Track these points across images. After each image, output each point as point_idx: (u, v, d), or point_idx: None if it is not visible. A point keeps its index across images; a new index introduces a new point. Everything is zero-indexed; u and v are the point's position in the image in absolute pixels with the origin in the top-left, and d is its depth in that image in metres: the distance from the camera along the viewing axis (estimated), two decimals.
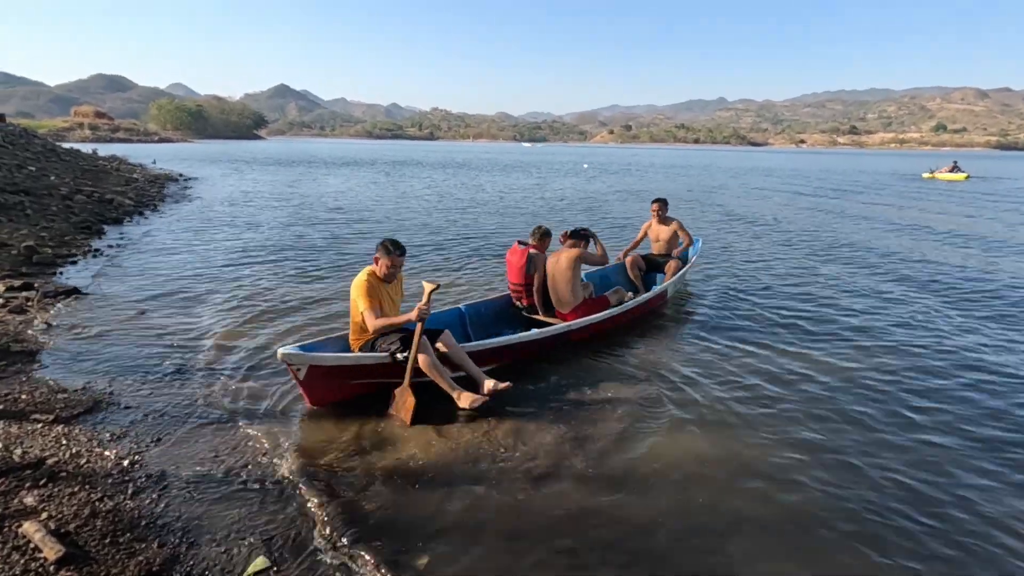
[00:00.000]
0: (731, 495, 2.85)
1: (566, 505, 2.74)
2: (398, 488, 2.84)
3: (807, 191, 23.00)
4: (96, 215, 10.85)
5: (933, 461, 3.18)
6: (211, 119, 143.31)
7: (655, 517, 2.66)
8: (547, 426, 3.50)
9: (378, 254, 3.77)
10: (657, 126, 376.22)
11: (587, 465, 3.09)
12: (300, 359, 3.49)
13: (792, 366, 4.49)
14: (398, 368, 3.70)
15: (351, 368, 3.71)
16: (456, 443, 3.30)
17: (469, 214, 13.78)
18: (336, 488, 2.82)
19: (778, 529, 2.61)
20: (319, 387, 3.63)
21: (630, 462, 3.13)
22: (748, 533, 2.58)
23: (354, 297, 3.73)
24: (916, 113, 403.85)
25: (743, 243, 10.31)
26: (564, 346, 4.73)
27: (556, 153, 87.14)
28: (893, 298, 6.56)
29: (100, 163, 21.72)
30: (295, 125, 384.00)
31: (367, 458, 3.12)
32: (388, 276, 3.80)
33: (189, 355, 4.44)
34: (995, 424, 3.61)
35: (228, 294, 6.14)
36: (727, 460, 3.17)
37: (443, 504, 2.72)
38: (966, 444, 3.37)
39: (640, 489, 2.89)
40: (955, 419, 3.67)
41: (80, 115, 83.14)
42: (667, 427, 3.53)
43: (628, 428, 3.50)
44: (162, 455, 3.07)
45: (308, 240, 9.57)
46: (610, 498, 2.80)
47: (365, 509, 2.67)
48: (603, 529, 2.58)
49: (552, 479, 2.95)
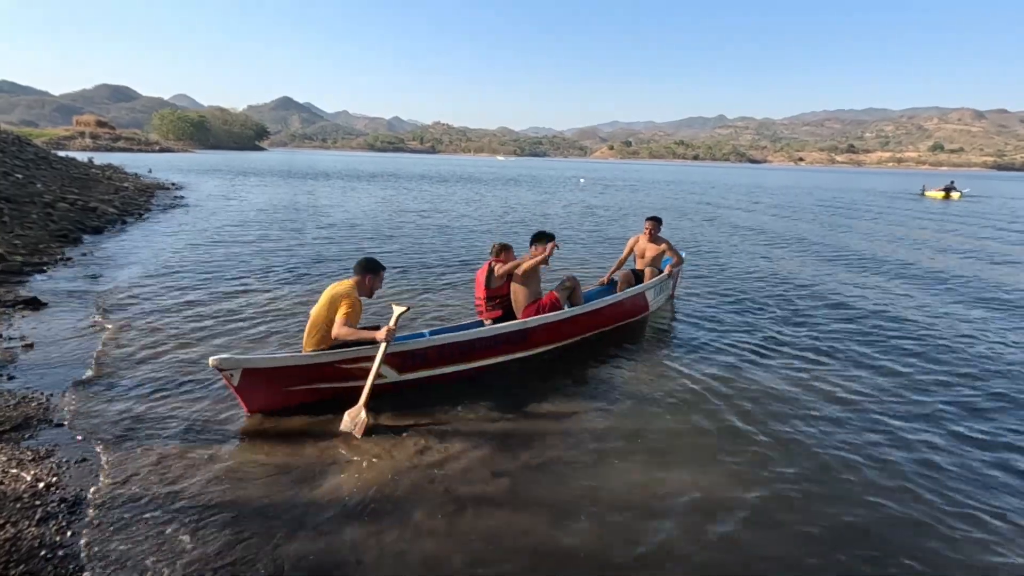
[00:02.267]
0: (677, 526, 2.67)
1: (503, 532, 2.56)
2: (330, 518, 2.66)
3: (808, 208, 22.94)
4: (76, 223, 10.71)
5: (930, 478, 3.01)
6: (213, 130, 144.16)
7: (599, 545, 2.49)
8: (497, 450, 3.32)
9: (369, 274, 3.86)
10: (657, 142, 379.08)
11: (528, 490, 2.91)
12: (233, 363, 3.42)
13: (779, 390, 4.32)
14: (337, 372, 3.63)
15: (287, 371, 3.59)
16: (399, 466, 3.11)
17: (455, 232, 13.66)
18: (263, 516, 2.64)
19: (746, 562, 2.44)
20: (256, 394, 3.55)
21: (578, 490, 2.95)
22: (700, 564, 2.40)
23: (333, 301, 3.69)
24: (913, 133, 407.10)
25: (742, 259, 10.17)
26: (534, 353, 4.65)
27: (543, 168, 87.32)
28: (875, 311, 6.41)
29: (92, 172, 21.61)
30: (297, 137, 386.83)
31: (300, 484, 2.93)
32: (371, 294, 3.93)
33: (139, 369, 4.27)
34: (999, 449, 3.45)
35: (192, 309, 5.97)
36: (678, 490, 2.99)
37: (378, 533, 2.54)
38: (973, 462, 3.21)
39: (575, 516, 2.71)
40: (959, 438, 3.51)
41: (81, 124, 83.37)
42: (623, 454, 3.35)
43: (584, 454, 3.32)
44: (84, 477, 2.89)
45: (288, 255, 9.41)
46: (546, 526, 2.62)
47: (296, 540, 2.49)
48: (536, 557, 2.40)
49: (492, 504, 2.77)
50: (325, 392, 3.74)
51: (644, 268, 6.51)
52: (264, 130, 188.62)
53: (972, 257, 11.21)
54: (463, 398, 3.97)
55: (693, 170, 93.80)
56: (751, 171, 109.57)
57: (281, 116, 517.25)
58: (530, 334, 4.58)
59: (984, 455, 3.45)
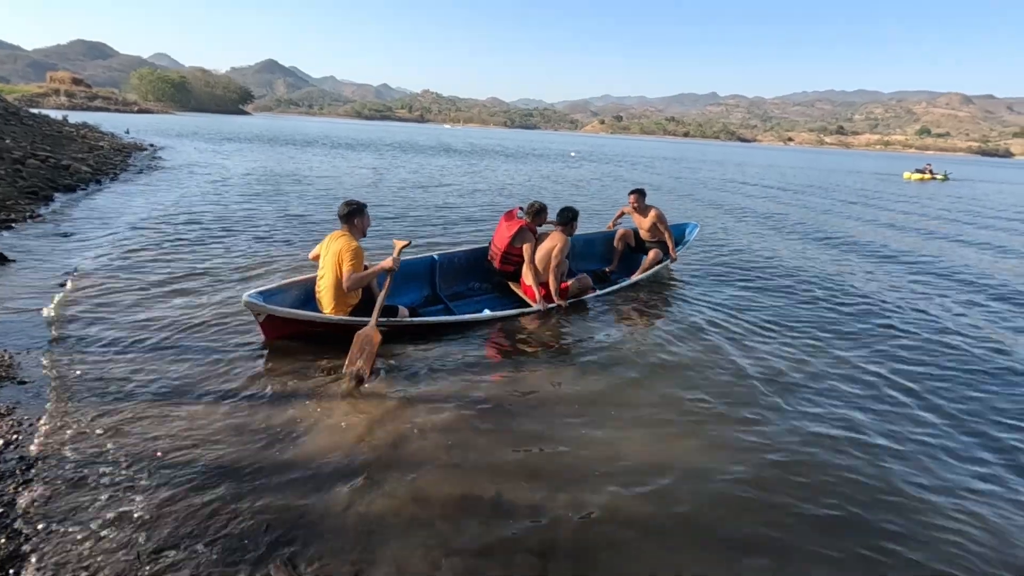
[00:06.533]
0: (655, 494, 2.63)
1: (484, 497, 2.50)
2: (298, 479, 2.57)
3: (794, 188, 22.95)
4: (48, 180, 10.30)
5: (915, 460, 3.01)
6: (195, 92, 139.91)
7: (577, 513, 2.44)
8: (477, 414, 3.24)
9: (356, 217, 3.97)
10: (648, 118, 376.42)
11: (505, 454, 2.85)
12: (260, 308, 3.77)
13: (769, 362, 4.29)
14: (349, 333, 3.82)
15: (306, 323, 3.93)
16: (375, 430, 3.02)
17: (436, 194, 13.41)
18: (228, 476, 2.54)
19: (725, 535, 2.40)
20: (276, 329, 3.93)
21: (557, 455, 2.90)
22: (684, 534, 2.37)
23: (339, 256, 3.84)
24: (902, 116, 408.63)
25: (737, 236, 10.11)
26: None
27: (528, 141, 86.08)
28: (860, 292, 6.42)
29: (66, 130, 20.82)
30: (282, 102, 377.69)
31: (271, 445, 2.81)
32: (364, 233, 4.10)
33: (106, 328, 4.09)
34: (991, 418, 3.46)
35: (165, 268, 5.76)
36: (664, 460, 2.95)
37: (350, 495, 2.46)
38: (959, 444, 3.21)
39: (559, 485, 2.65)
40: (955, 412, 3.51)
41: (56, 81, 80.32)
42: (609, 421, 3.30)
43: (571, 417, 3.27)
44: (45, 435, 2.76)
45: (265, 219, 9.14)
46: (524, 490, 2.56)
47: (262, 499, 2.40)
48: (516, 523, 2.35)
49: (470, 468, 2.70)
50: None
51: (646, 238, 6.58)
52: (249, 94, 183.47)
53: (942, 239, 11.30)
54: (446, 361, 3.89)
55: (688, 147, 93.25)
56: (742, 150, 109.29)
57: (266, 80, 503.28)
58: (525, 318, 4.81)
59: (965, 434, 3.46)
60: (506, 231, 5.11)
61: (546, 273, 4.99)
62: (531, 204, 5.14)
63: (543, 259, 4.97)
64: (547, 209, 5.17)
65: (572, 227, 5.18)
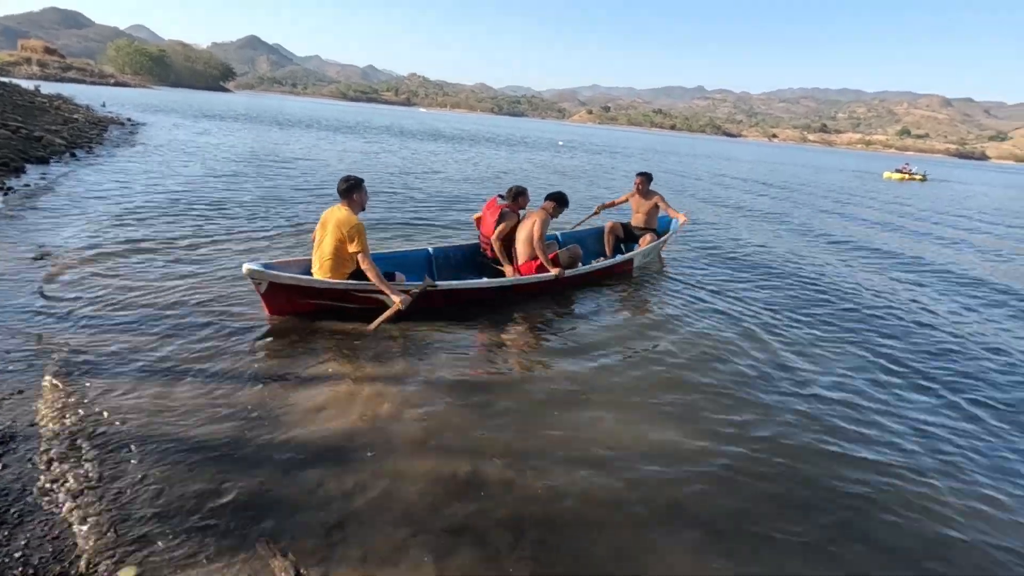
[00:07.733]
0: (641, 481, 2.67)
1: (470, 476, 2.52)
2: (287, 459, 2.56)
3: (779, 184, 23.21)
4: (19, 152, 9.97)
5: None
6: (174, 66, 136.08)
7: (549, 492, 2.46)
8: (468, 397, 3.26)
9: (354, 192, 4.07)
10: (635, 109, 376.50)
11: (495, 435, 2.87)
12: (262, 275, 3.82)
13: (753, 354, 4.36)
14: (347, 297, 4.03)
15: (306, 289, 3.97)
16: (365, 410, 3.02)
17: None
18: (212, 453, 2.52)
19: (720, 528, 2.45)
20: (277, 301, 3.98)
21: (546, 438, 2.93)
22: (656, 514, 2.41)
23: (339, 229, 3.95)
24: (884, 116, 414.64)
25: (732, 228, 10.20)
26: (515, 296, 4.90)
27: (511, 129, 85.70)
28: (847, 285, 6.54)
29: (39, 100, 20.15)
30: (265, 80, 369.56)
31: (258, 424, 2.80)
32: (363, 207, 4.20)
33: (81, 303, 4.00)
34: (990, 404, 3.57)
35: (144, 242, 5.64)
36: (638, 444, 3.00)
37: (339, 474, 2.46)
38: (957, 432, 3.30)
39: (545, 466, 2.68)
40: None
41: (28, 49, 77.41)
42: (591, 403, 3.33)
43: (550, 400, 3.29)
44: (21, 409, 2.70)
45: (244, 197, 8.97)
46: (512, 472, 2.59)
47: (248, 477, 2.38)
48: (490, 501, 2.37)
49: (459, 450, 2.72)
50: (335, 307, 4.10)
51: (639, 224, 6.70)
52: (230, 70, 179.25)
53: (927, 237, 11.56)
54: (439, 342, 3.91)
55: (677, 141, 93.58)
56: (728, 145, 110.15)
57: (248, 56, 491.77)
58: (516, 288, 4.97)
59: (963, 422, 3.57)
60: (491, 218, 5.24)
61: (533, 249, 5.07)
62: (510, 188, 5.30)
63: (527, 238, 5.08)
64: (527, 192, 5.30)
65: (557, 209, 5.24)
